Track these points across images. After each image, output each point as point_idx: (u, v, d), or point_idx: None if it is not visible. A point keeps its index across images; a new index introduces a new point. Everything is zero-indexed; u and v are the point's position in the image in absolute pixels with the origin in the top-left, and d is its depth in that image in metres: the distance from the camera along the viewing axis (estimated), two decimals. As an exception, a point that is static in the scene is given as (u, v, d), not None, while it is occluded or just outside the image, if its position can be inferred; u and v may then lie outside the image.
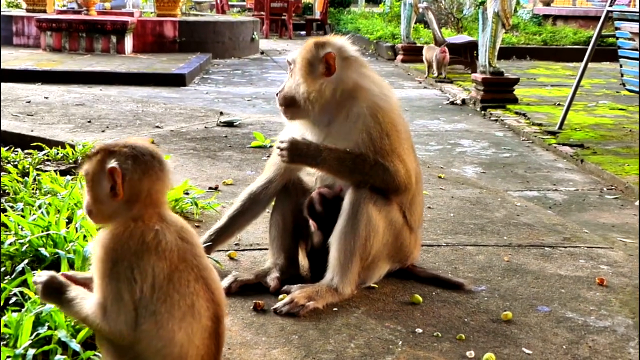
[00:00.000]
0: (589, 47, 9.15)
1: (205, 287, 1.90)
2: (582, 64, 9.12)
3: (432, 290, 3.01)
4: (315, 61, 2.90)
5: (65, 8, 18.10)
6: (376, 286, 3.00)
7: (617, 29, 8.66)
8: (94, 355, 2.27)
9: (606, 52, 14.84)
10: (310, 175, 3.10)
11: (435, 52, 13.60)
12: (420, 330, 2.65)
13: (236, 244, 3.39)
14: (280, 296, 2.84)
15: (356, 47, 3.03)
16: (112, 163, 1.89)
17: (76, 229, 3.05)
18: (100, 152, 1.93)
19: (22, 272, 2.72)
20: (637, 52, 8.01)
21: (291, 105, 2.95)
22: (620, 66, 8.76)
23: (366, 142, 2.84)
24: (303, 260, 3.12)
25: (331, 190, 2.97)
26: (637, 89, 8.32)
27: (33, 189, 3.96)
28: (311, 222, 2.97)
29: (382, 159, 2.84)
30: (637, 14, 8.47)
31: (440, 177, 4.90)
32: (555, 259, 3.43)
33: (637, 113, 9.44)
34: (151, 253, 1.84)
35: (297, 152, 2.85)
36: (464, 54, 14.70)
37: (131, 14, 16.67)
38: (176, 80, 12.29)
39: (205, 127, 6.21)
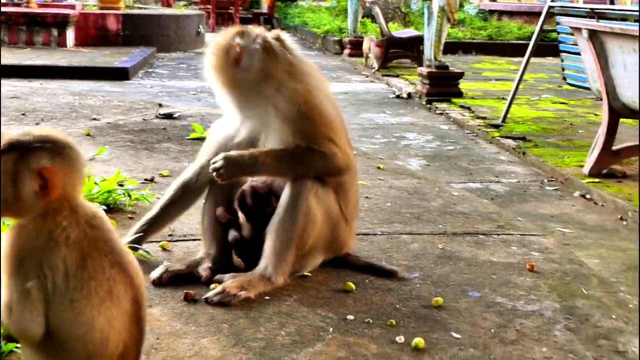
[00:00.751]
0: (531, 42, 9.28)
1: (122, 271, 1.86)
2: (525, 58, 9.24)
3: (365, 278, 3.02)
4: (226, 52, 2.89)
5: (4, 0, 17.70)
6: (310, 274, 2.99)
7: (557, 24, 8.79)
8: (16, 347, 2.21)
9: (549, 47, 15.06)
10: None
11: (371, 44, 14.04)
12: (351, 317, 2.65)
13: (170, 235, 3.35)
14: (212, 285, 2.81)
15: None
16: (43, 162, 1.81)
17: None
18: (16, 149, 1.84)
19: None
20: (577, 47, 8.15)
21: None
22: (562, 60, 8.90)
23: (294, 131, 2.82)
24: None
25: (263, 184, 2.94)
26: (577, 83, 8.45)
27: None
28: (240, 215, 2.94)
29: (317, 145, 2.83)
30: (577, 9, 8.62)
31: (379, 168, 4.91)
32: (488, 246, 3.46)
33: (579, 107, 9.61)
34: (60, 247, 1.79)
35: (233, 166, 2.81)
36: (410, 48, 14.78)
37: (73, 7, 16.34)
38: (119, 74, 12.12)
39: (144, 120, 6.13)
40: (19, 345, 2.21)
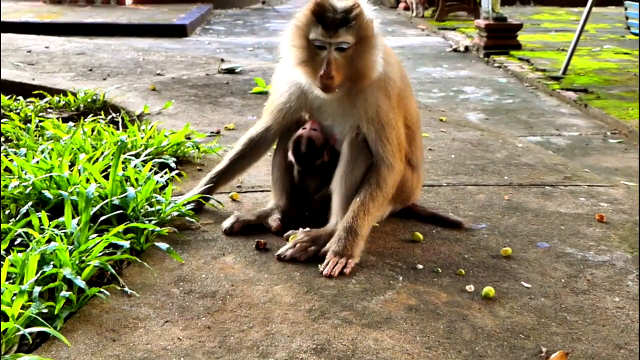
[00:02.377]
0: (594, -9, 9.05)
1: None
2: (586, 8, 9.03)
3: (432, 228, 3.04)
4: None
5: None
6: (377, 225, 3.02)
7: (622, -29, 8.56)
8: (99, 292, 2.31)
9: (611, -4, 14.67)
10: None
11: None
12: (420, 267, 2.68)
13: (238, 186, 3.41)
14: (289, 237, 2.84)
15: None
16: None
17: (79, 171, 3.07)
18: None
19: (27, 214, 2.75)
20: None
21: None
22: (625, 9, 8.68)
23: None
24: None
25: (320, 135, 2.93)
26: (642, 32, 8.25)
27: (36, 136, 3.98)
28: (292, 156, 2.96)
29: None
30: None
31: (441, 120, 4.90)
32: (555, 197, 3.44)
33: (642, 57, 9.38)
34: None
35: None
36: (467, 0, 14.54)
37: (131, -35, 16.44)
38: (177, 31, 12.22)
39: (207, 75, 6.19)
40: (101, 289, 2.30)
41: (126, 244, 2.56)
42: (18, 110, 4.65)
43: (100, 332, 2.17)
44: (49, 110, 4.92)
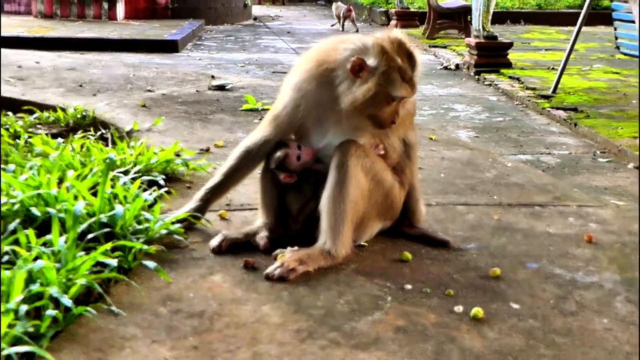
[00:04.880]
0: (583, 11, 9.12)
1: None
2: (576, 27, 9.10)
3: (421, 248, 3.04)
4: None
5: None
6: (366, 244, 3.02)
7: (611, -9, 8.63)
8: (86, 311, 2.29)
9: (601, 15, 14.79)
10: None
11: (342, 9, 16.45)
12: (409, 287, 2.68)
13: (227, 204, 3.40)
14: (277, 255, 2.84)
15: None
16: None
17: (67, 189, 3.05)
18: None
19: (14, 232, 2.73)
20: (632, 15, 7.98)
21: None
22: (615, 29, 8.74)
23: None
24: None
25: (308, 157, 2.97)
26: (631, 52, 8.30)
27: (24, 152, 3.96)
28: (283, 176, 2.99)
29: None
30: (631, -24, 8.43)
31: (431, 139, 4.91)
32: (544, 218, 3.45)
33: (632, 76, 9.43)
34: None
35: None
36: (458, 18, 14.64)
37: (123, -20, 16.48)
38: (169, 47, 12.24)
39: (197, 91, 6.20)
40: (88, 308, 2.28)
41: (113, 262, 2.55)
42: (7, 126, 4.63)
43: (86, 351, 2.15)
44: (38, 126, 4.90)
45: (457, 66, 11.60)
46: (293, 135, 3.05)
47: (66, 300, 2.28)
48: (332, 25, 17.08)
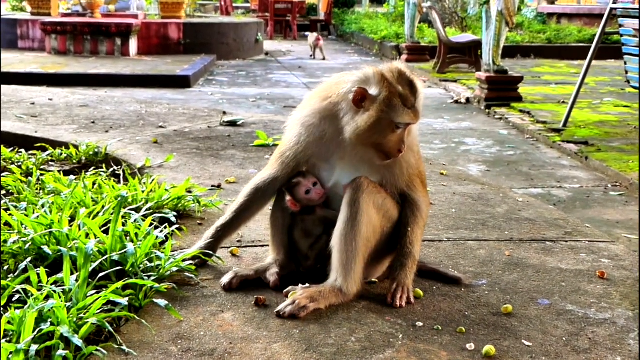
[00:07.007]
0: (593, 45, 9.16)
1: None
2: (586, 61, 9.12)
3: (432, 284, 3.03)
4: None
5: (69, 11, 18.16)
6: (377, 281, 3.02)
7: (620, 26, 8.66)
8: (96, 350, 2.29)
9: (611, 49, 14.82)
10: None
11: (312, 38, 18.15)
12: (420, 324, 2.66)
13: (238, 241, 3.41)
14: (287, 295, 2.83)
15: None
16: None
17: (79, 227, 3.07)
18: None
19: (25, 270, 2.74)
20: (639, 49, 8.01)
21: None
22: (625, 63, 8.76)
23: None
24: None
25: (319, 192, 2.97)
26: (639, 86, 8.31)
27: (37, 189, 3.99)
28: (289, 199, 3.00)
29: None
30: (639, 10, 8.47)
31: (442, 174, 4.91)
32: (556, 253, 3.43)
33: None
34: None
35: None
36: (468, 53, 14.71)
37: (135, 17, 16.72)
38: (181, 82, 12.34)
39: (209, 127, 6.24)
40: (99, 348, 2.28)
41: (124, 301, 2.55)
42: (20, 163, 4.67)
43: (96, 391, 2.14)
44: (50, 163, 4.94)
45: (467, 100, 11.63)
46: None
47: (77, 340, 2.28)
48: (311, 56, 18.41)
